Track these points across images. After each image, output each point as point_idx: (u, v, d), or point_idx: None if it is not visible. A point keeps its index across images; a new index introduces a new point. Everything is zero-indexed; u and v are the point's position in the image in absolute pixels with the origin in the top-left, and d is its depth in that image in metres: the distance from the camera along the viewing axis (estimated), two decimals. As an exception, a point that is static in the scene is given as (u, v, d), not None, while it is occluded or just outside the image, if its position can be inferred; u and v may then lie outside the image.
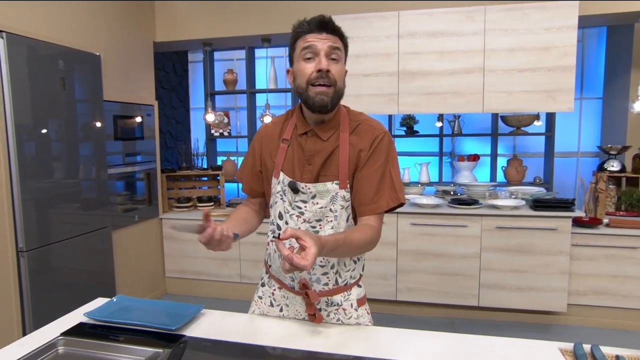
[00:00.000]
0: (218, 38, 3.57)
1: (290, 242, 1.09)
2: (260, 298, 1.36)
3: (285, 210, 1.22)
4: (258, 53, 4.34)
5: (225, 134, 4.28)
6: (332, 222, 1.19)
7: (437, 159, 4.17)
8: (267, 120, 3.66)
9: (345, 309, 1.25)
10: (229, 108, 4.75)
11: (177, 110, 4.81)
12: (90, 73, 2.73)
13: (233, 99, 4.79)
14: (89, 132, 2.72)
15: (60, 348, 1.09)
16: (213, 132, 4.27)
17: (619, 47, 3.64)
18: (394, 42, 3.10)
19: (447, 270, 2.99)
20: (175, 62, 4.74)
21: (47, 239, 2.39)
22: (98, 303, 1.32)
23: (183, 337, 1.11)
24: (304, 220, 1.20)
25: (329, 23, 1.14)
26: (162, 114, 4.47)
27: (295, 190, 1.19)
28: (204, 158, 4.33)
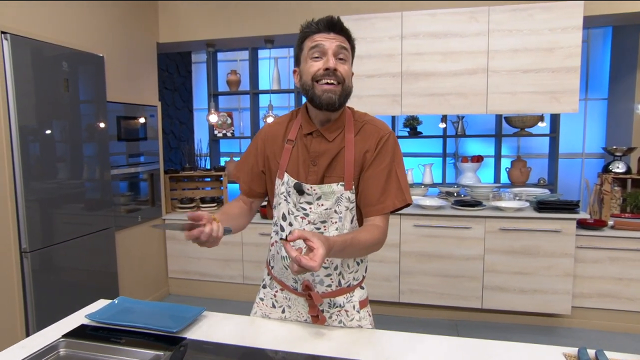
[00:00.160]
0: (221, 39, 3.57)
1: (295, 243, 1.08)
2: (262, 300, 1.35)
3: (290, 212, 1.21)
4: (261, 54, 4.35)
5: (229, 135, 4.29)
6: (336, 223, 1.19)
7: (440, 160, 4.15)
8: (270, 121, 3.66)
9: (348, 311, 1.25)
10: (232, 109, 4.76)
11: (180, 111, 4.82)
12: (94, 74, 2.73)
13: (236, 100, 4.80)
14: (92, 133, 2.72)
15: (62, 350, 1.09)
16: (216, 132, 4.27)
17: (625, 47, 3.61)
18: (397, 42, 3.09)
19: (450, 272, 2.98)
20: (179, 63, 4.76)
21: (50, 240, 2.40)
22: (100, 305, 1.32)
23: (184, 339, 1.11)
24: (309, 222, 1.19)
25: (337, 23, 1.14)
26: (165, 115, 4.48)
27: (301, 192, 1.19)
28: (207, 159, 4.33)
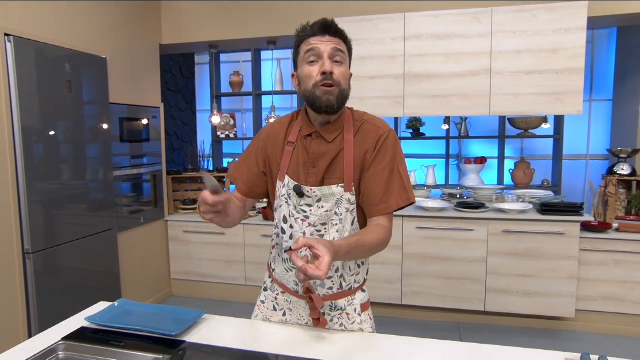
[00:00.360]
0: (224, 40, 3.57)
1: (300, 250, 1.07)
2: (263, 302, 1.35)
3: (290, 214, 1.21)
4: (264, 55, 4.35)
5: (231, 136, 4.29)
6: (337, 225, 1.18)
7: (443, 162, 4.14)
8: (271, 122, 3.66)
9: (349, 314, 1.24)
10: (235, 110, 4.76)
11: (183, 112, 4.83)
12: (97, 76, 2.74)
13: (239, 101, 4.80)
14: (95, 134, 2.73)
15: (61, 353, 1.09)
16: (219, 134, 4.27)
17: (630, 48, 3.58)
18: (400, 44, 3.08)
19: (453, 275, 2.96)
20: (182, 64, 4.76)
21: (53, 241, 2.41)
22: (100, 307, 1.32)
23: (183, 343, 1.10)
24: (309, 224, 1.19)
25: (332, 26, 1.14)
26: (168, 116, 4.49)
27: (300, 194, 1.18)
28: (210, 160, 4.34)
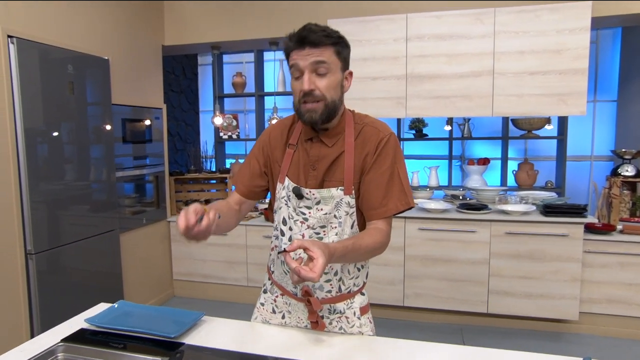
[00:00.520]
0: (226, 41, 3.58)
1: (295, 251, 1.07)
2: (262, 305, 1.34)
3: (290, 216, 1.20)
4: (267, 56, 4.35)
5: (234, 137, 4.29)
6: (336, 228, 1.17)
7: (446, 163, 4.12)
8: (274, 122, 3.66)
9: (348, 317, 1.23)
10: (238, 111, 4.77)
11: (186, 113, 4.84)
12: (99, 77, 2.75)
13: (242, 102, 4.81)
14: (98, 135, 2.74)
15: (60, 355, 1.09)
16: (222, 134, 4.28)
17: (634, 48, 3.55)
18: (402, 45, 3.07)
19: (455, 276, 2.95)
20: (185, 65, 4.78)
21: (55, 242, 2.42)
22: (100, 309, 1.32)
23: (182, 345, 1.10)
24: (308, 227, 1.18)
25: (307, 37, 1.07)
26: (171, 117, 4.50)
27: (300, 196, 1.18)
28: (213, 161, 4.34)
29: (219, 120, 3.83)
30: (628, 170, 3.04)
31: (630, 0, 2.83)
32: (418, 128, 3.84)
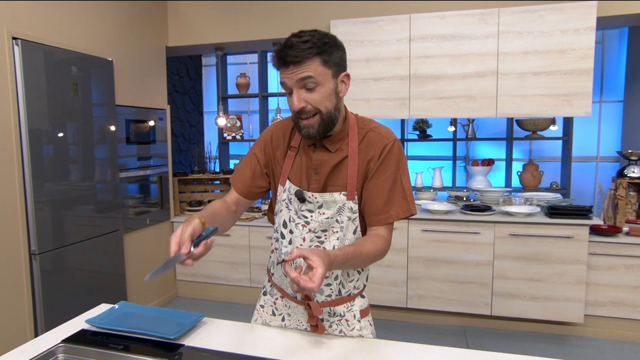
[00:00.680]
0: (230, 42, 3.59)
1: (296, 260, 1.06)
2: (262, 307, 1.34)
3: (291, 219, 1.20)
4: (270, 57, 4.35)
5: (238, 138, 4.30)
6: (337, 233, 1.17)
7: (450, 163, 4.10)
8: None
9: (348, 320, 1.23)
10: (242, 112, 4.78)
11: (190, 114, 4.86)
12: (103, 78, 2.77)
13: (246, 103, 4.82)
14: (102, 136, 2.75)
15: (60, 355, 1.09)
16: (226, 135, 4.29)
17: (641, 48, 3.51)
18: (405, 45, 3.06)
19: (458, 278, 2.93)
20: (189, 66, 4.79)
21: (58, 242, 2.43)
22: (101, 309, 1.32)
23: (182, 346, 1.10)
24: (309, 230, 1.17)
25: (288, 56, 1.02)
26: (175, 118, 4.52)
27: (302, 199, 1.17)
28: (217, 161, 4.35)
29: (223, 121, 3.83)
30: (634, 172, 3.00)
31: (637, 0, 2.80)
32: (422, 129, 3.82)
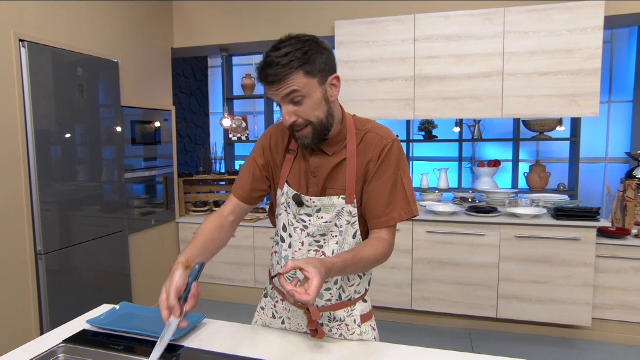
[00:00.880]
0: (235, 44, 3.60)
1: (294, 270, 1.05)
2: (263, 309, 1.34)
3: (290, 223, 1.19)
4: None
5: (243, 139, 4.31)
6: (337, 237, 1.15)
7: (456, 165, 4.07)
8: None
9: (348, 325, 1.21)
10: (247, 113, 4.79)
11: (196, 115, 4.88)
12: (109, 79, 2.79)
13: (251, 104, 4.83)
14: (107, 137, 2.77)
15: (61, 356, 1.10)
16: (231, 136, 4.30)
17: (651, 48, 3.46)
18: (410, 46, 3.05)
19: (464, 280, 2.91)
20: (195, 67, 4.82)
21: (64, 242, 2.45)
22: (102, 310, 1.33)
23: (181, 348, 1.10)
24: (308, 234, 1.16)
25: (268, 76, 1.01)
26: (181, 119, 4.54)
27: (300, 204, 1.16)
28: (222, 162, 4.37)
29: (228, 122, 3.84)
30: (644, 173, 2.95)
31: (646, -1, 2.77)
32: (428, 130, 3.80)
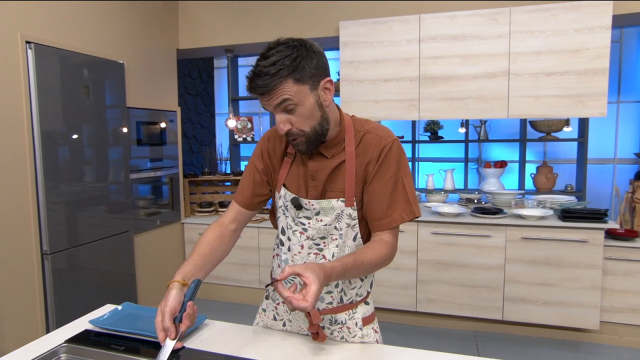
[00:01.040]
0: (240, 44, 3.61)
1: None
2: (264, 311, 1.34)
3: (289, 226, 1.18)
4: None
5: (249, 139, 4.32)
6: (336, 240, 1.14)
7: (462, 165, 4.05)
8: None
9: (350, 328, 1.20)
10: (253, 113, 4.80)
11: (202, 116, 4.90)
12: (114, 81, 2.81)
13: (257, 105, 4.84)
14: (113, 137, 2.79)
15: (63, 356, 1.10)
16: (236, 137, 4.31)
17: (660, 47, 3.41)
18: (415, 46, 3.03)
19: (469, 282, 2.88)
20: (201, 68, 4.84)
21: (69, 242, 2.47)
22: (105, 310, 1.34)
23: (182, 348, 1.10)
24: (307, 237, 1.16)
25: (258, 87, 0.99)
26: (187, 120, 4.56)
27: (298, 207, 1.15)
28: (228, 163, 4.38)
29: (233, 123, 3.85)
30: (653, 174, 2.91)
31: (655, -3, 2.73)
32: (433, 130, 3.78)
